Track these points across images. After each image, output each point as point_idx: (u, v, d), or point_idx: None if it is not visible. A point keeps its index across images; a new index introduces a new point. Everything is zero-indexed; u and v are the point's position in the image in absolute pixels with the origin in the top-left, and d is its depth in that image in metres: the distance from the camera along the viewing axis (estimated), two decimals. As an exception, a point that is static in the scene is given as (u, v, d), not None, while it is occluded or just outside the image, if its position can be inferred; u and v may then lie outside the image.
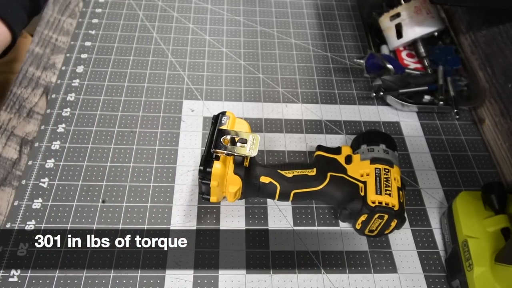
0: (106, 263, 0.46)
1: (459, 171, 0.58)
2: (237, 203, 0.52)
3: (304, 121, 0.61)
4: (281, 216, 0.51)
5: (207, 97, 0.63)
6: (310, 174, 0.49)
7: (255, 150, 0.44)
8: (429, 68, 0.67)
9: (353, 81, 0.67)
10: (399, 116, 0.63)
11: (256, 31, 0.73)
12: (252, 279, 0.46)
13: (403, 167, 0.58)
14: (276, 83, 0.66)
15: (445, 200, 0.55)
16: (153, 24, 0.72)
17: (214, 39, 0.71)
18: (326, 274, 0.47)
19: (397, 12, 0.67)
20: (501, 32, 0.62)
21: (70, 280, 0.45)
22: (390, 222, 0.46)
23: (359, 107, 0.64)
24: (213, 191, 0.46)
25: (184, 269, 0.46)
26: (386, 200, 0.45)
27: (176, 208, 0.51)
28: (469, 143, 0.61)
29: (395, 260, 0.49)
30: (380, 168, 0.48)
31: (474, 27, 0.69)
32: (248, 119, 0.61)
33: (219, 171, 0.44)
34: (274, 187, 0.48)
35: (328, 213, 0.52)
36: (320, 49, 0.71)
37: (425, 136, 0.61)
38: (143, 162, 0.55)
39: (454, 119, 0.64)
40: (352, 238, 0.50)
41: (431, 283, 0.48)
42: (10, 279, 0.44)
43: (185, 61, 0.67)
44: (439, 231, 0.52)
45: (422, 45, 0.68)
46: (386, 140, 0.51)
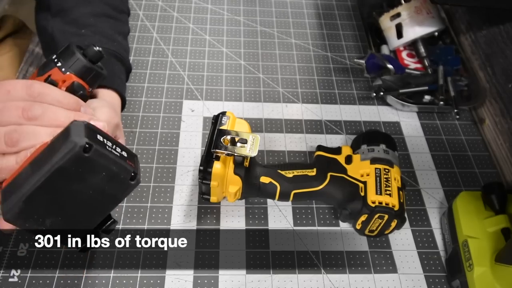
0: (106, 263, 0.46)
1: (459, 171, 0.58)
2: (237, 203, 0.52)
3: (304, 121, 0.61)
4: (281, 216, 0.51)
5: (207, 97, 0.63)
6: (310, 174, 0.49)
7: (255, 150, 0.44)
8: (429, 68, 0.67)
9: (353, 81, 0.67)
10: (399, 116, 0.63)
11: (256, 31, 0.73)
12: (252, 279, 0.46)
13: (403, 167, 0.58)
14: (276, 83, 0.66)
15: (445, 200, 0.55)
16: (153, 24, 0.72)
17: (214, 39, 0.71)
18: (326, 274, 0.47)
19: (398, 12, 0.67)
20: (502, 32, 0.62)
21: (70, 280, 0.45)
22: (390, 222, 0.46)
23: (359, 107, 0.64)
24: (213, 191, 0.46)
25: (184, 269, 0.46)
26: (386, 200, 0.45)
27: (176, 208, 0.51)
28: (469, 143, 0.61)
29: (395, 260, 0.49)
30: (380, 168, 0.48)
31: (474, 27, 0.69)
32: (248, 119, 0.61)
33: (219, 171, 0.44)
34: (274, 187, 0.48)
35: (328, 213, 0.52)
36: (320, 49, 0.71)
37: (425, 136, 0.61)
38: (143, 162, 0.55)
39: (454, 119, 0.63)
40: (352, 238, 0.50)
41: (431, 283, 0.48)
42: (10, 279, 0.44)
43: (185, 61, 0.67)
44: (439, 231, 0.52)
45: (423, 45, 0.68)
46: (386, 140, 0.51)
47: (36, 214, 0.31)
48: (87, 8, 0.53)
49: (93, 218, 0.34)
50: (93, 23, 0.52)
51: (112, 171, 0.30)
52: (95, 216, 0.34)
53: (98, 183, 0.31)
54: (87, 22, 0.52)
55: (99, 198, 0.32)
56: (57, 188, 0.30)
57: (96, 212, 0.34)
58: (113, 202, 0.34)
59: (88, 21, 0.52)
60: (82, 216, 0.33)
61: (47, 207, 0.31)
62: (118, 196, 0.33)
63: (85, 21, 0.52)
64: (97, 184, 0.31)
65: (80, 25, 0.51)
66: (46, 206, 0.31)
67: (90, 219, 0.34)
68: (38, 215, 0.31)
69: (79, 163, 0.29)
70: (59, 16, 0.52)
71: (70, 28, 0.50)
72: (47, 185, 0.29)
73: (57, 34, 0.50)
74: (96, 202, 0.32)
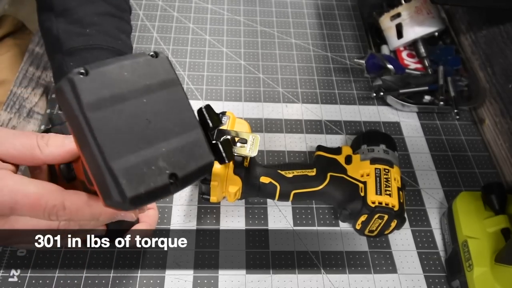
0: (106, 263, 0.46)
1: (459, 171, 0.58)
2: (237, 203, 0.52)
3: (304, 121, 0.61)
4: (281, 216, 0.51)
5: (207, 97, 0.63)
6: (310, 174, 0.49)
7: (255, 150, 0.44)
8: (429, 68, 0.67)
9: (353, 81, 0.67)
10: (399, 116, 0.63)
11: (256, 31, 0.73)
12: (252, 279, 0.46)
13: (403, 167, 0.58)
14: (276, 83, 0.66)
15: (445, 200, 0.55)
16: (153, 24, 0.72)
17: (214, 39, 0.71)
18: (326, 274, 0.47)
19: (398, 12, 0.67)
20: (502, 32, 0.62)
21: (70, 280, 0.45)
22: (390, 222, 0.46)
23: (359, 107, 0.64)
24: (213, 191, 0.46)
25: (184, 269, 0.46)
26: (386, 200, 0.45)
27: (176, 208, 0.51)
28: (469, 143, 0.61)
29: (395, 260, 0.49)
30: (380, 169, 0.48)
31: (474, 27, 0.69)
32: (248, 119, 0.61)
33: (219, 171, 0.44)
34: (274, 187, 0.48)
35: (328, 213, 0.52)
36: (320, 49, 0.71)
37: (425, 136, 0.61)
38: (143, 162, 0.54)
39: (454, 119, 0.63)
40: (352, 238, 0.50)
41: (431, 283, 0.48)
42: (10, 279, 0.44)
43: (185, 61, 0.67)
44: (439, 231, 0.52)
45: (423, 45, 0.68)
46: (386, 140, 0.51)
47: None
48: (90, 7, 0.53)
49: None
50: (97, 22, 0.52)
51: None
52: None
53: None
54: (91, 21, 0.52)
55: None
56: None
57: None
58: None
59: (92, 20, 0.52)
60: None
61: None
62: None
63: (90, 21, 0.52)
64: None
65: (85, 25, 0.51)
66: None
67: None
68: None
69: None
70: (63, 16, 0.52)
71: (74, 28, 0.50)
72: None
73: (62, 35, 0.50)
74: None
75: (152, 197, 0.26)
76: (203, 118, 0.31)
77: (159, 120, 0.27)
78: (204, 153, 0.29)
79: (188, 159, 0.27)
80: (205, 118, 0.31)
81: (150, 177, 0.26)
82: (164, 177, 0.26)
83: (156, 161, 0.26)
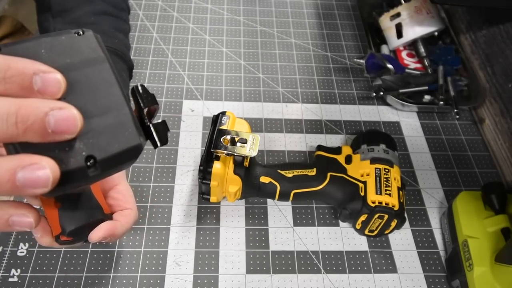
0: (106, 263, 0.46)
1: (459, 171, 0.58)
2: (237, 203, 0.52)
3: (304, 121, 0.61)
4: (281, 216, 0.51)
5: (207, 97, 0.63)
6: (310, 174, 0.49)
7: (255, 150, 0.44)
8: (429, 68, 0.67)
9: (353, 81, 0.67)
10: (399, 116, 0.63)
11: (256, 30, 0.73)
12: (252, 279, 0.46)
13: (403, 167, 0.58)
14: (276, 83, 0.66)
15: (445, 200, 0.55)
16: (153, 24, 0.72)
17: (214, 39, 0.71)
18: (326, 274, 0.47)
19: (397, 11, 0.67)
20: (502, 32, 0.62)
21: (70, 280, 0.45)
22: (390, 222, 0.46)
23: (359, 107, 0.64)
24: (213, 191, 0.46)
25: (184, 269, 0.46)
26: (386, 200, 0.45)
27: (176, 208, 0.51)
28: (469, 143, 0.61)
29: (395, 260, 0.49)
30: (380, 168, 0.48)
31: (474, 27, 0.69)
32: (248, 119, 0.61)
33: (219, 171, 0.44)
34: (274, 187, 0.48)
35: (328, 213, 0.52)
36: (320, 49, 0.71)
37: (425, 136, 0.61)
38: (143, 162, 0.55)
39: (454, 119, 0.64)
40: (352, 238, 0.50)
41: (431, 283, 0.48)
42: (10, 279, 0.44)
43: (185, 61, 0.67)
44: (439, 231, 0.52)
45: (422, 45, 0.68)
46: (386, 140, 0.51)
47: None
48: (88, 7, 0.53)
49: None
50: (93, 22, 0.53)
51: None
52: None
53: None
54: (87, 21, 0.52)
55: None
56: None
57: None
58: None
59: (89, 20, 0.52)
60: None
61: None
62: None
63: (86, 20, 0.52)
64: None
65: (81, 24, 0.51)
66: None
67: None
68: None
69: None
70: (60, 16, 0.52)
71: (70, 27, 0.51)
72: None
73: None
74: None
75: (67, 181, 0.24)
76: (135, 98, 0.29)
77: (78, 99, 0.25)
78: (130, 136, 0.27)
79: (111, 141, 0.26)
80: (137, 98, 0.29)
81: (62, 159, 0.24)
82: (79, 159, 0.24)
83: (71, 142, 0.24)
